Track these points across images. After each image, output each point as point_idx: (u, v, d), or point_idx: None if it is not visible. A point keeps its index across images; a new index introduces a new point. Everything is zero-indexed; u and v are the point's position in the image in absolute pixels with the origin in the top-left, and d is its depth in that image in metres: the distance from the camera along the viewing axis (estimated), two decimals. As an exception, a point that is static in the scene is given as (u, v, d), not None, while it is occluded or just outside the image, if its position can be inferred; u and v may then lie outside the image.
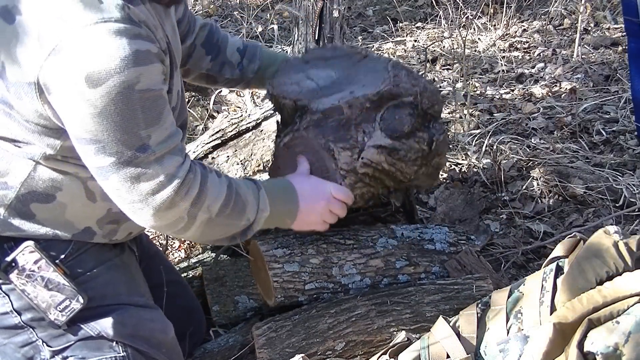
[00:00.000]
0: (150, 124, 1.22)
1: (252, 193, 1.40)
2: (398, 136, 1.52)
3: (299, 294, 1.64)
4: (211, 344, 1.79)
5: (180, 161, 1.28)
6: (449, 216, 2.37)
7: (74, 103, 1.17)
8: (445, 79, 3.69)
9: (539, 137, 2.90)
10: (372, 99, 1.50)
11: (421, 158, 1.58)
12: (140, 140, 1.21)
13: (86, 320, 1.39)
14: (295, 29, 2.94)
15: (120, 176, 1.23)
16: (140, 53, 1.17)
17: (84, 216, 1.39)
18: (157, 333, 1.46)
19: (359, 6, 5.08)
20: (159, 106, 1.23)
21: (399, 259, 1.70)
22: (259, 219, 1.41)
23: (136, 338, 1.42)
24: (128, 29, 1.17)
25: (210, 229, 1.35)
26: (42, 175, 1.32)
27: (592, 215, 2.30)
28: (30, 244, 1.34)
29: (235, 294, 1.88)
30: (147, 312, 1.47)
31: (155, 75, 1.22)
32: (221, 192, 1.34)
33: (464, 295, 1.62)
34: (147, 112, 1.21)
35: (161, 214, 1.27)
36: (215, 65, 1.75)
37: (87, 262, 1.41)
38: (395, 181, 1.60)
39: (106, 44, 1.15)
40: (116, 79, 1.15)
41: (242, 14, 4.04)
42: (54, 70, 1.17)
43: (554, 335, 1.21)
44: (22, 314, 1.37)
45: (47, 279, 1.34)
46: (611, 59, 3.62)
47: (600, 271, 1.25)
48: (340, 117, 1.49)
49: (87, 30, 1.15)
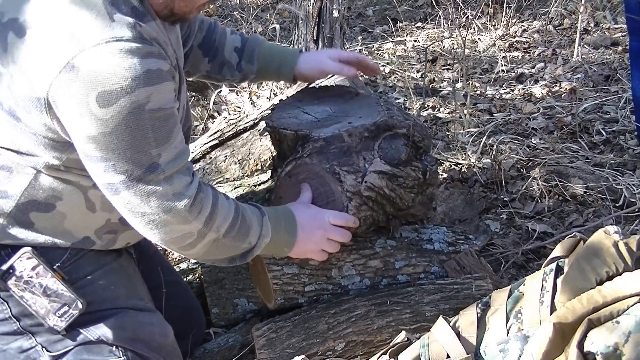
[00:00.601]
0: (160, 143, 1.22)
1: (256, 219, 1.41)
2: (396, 163, 1.58)
3: (298, 296, 1.64)
4: (211, 344, 1.79)
5: (189, 180, 1.29)
6: (449, 216, 2.36)
7: (84, 122, 1.18)
8: (445, 79, 3.69)
9: (539, 137, 2.90)
10: (370, 128, 1.57)
11: (417, 186, 1.64)
12: (150, 159, 1.22)
13: (85, 325, 1.39)
14: (295, 29, 2.94)
15: (131, 193, 1.23)
16: (152, 72, 1.18)
17: (82, 226, 1.39)
18: (156, 336, 1.46)
19: (359, 6, 5.08)
20: (169, 125, 1.24)
21: (398, 259, 1.70)
22: (260, 244, 1.42)
23: (136, 342, 1.41)
24: (139, 48, 1.17)
25: (215, 248, 1.36)
26: (43, 184, 1.32)
27: (592, 215, 2.30)
28: (28, 251, 1.34)
29: (234, 297, 1.88)
30: (147, 316, 1.46)
31: (166, 93, 1.23)
32: (229, 213, 1.35)
33: (464, 295, 1.62)
34: (157, 131, 1.21)
35: (171, 230, 1.28)
36: (214, 67, 1.74)
37: (84, 267, 1.41)
38: (395, 207, 1.63)
39: (117, 63, 1.15)
40: (127, 99, 1.16)
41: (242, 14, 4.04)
42: (64, 88, 1.16)
43: (553, 335, 1.21)
44: (21, 320, 1.37)
45: (45, 285, 1.34)
46: (611, 59, 3.62)
47: (600, 271, 1.25)
48: (341, 144, 1.54)
49: (98, 49, 1.15)
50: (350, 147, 1.54)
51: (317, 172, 1.54)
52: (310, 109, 1.69)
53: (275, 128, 1.62)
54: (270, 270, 1.60)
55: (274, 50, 1.77)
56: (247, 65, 1.74)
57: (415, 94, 3.33)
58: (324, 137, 1.54)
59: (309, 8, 2.81)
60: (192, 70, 1.75)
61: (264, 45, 1.76)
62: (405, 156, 1.59)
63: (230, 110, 3.04)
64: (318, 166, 1.53)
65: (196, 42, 1.70)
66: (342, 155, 1.53)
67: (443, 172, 2.69)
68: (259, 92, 3.33)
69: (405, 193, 1.61)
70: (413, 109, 3.21)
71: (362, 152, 1.55)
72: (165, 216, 1.26)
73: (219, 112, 3.11)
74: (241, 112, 2.96)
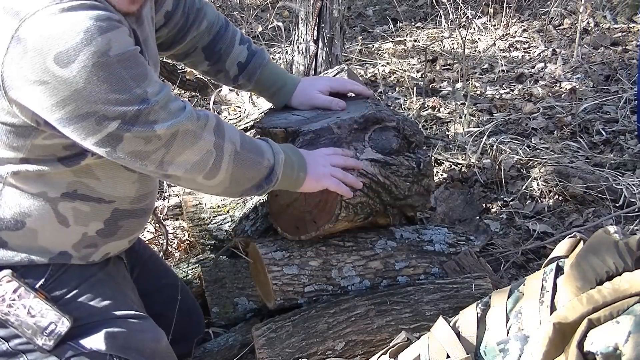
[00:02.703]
0: (140, 80, 1.19)
1: (259, 140, 1.40)
2: (388, 152, 1.61)
3: (298, 297, 1.64)
4: (211, 344, 1.79)
5: (182, 103, 1.26)
6: (449, 216, 2.36)
7: (49, 89, 1.13)
8: (445, 79, 3.69)
9: (539, 137, 2.90)
10: (358, 120, 1.61)
11: (412, 175, 1.66)
12: (138, 96, 1.18)
13: (76, 338, 1.37)
14: (295, 28, 2.94)
15: (134, 133, 1.19)
16: (102, 21, 1.14)
17: (57, 242, 1.36)
18: (148, 342, 1.44)
19: (359, 6, 5.08)
20: (140, 64, 1.20)
21: (398, 260, 1.70)
22: (278, 160, 1.39)
23: (128, 350, 1.39)
24: (80, 3, 1.14)
25: (238, 165, 1.33)
26: (8, 202, 1.30)
27: (592, 215, 2.30)
28: (7, 273, 1.32)
29: (234, 296, 1.88)
30: (137, 323, 1.44)
31: (124, 37, 1.19)
32: (234, 129, 1.34)
33: (463, 294, 1.62)
34: (131, 71, 1.18)
35: (189, 152, 1.25)
36: (212, 71, 1.72)
37: (68, 282, 1.38)
38: (392, 196, 1.64)
39: (64, 21, 1.12)
40: (87, 51, 1.12)
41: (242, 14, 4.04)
42: (17, 63, 1.13)
43: (554, 335, 1.21)
44: (9, 341, 1.35)
45: (29, 306, 1.32)
46: (611, 59, 3.62)
47: (600, 271, 1.25)
48: (331, 136, 1.57)
49: (39, 15, 1.12)
50: (341, 137, 1.57)
51: None
52: (300, 112, 1.72)
53: (265, 129, 1.65)
54: (270, 271, 1.60)
55: (275, 76, 1.73)
56: (244, 81, 1.72)
57: (415, 94, 3.33)
58: (314, 130, 1.57)
59: (309, 7, 2.81)
60: (191, 66, 1.74)
61: (268, 66, 1.72)
62: (397, 146, 1.63)
63: (230, 110, 3.04)
64: None
65: (201, 43, 1.67)
66: (333, 145, 1.56)
67: (443, 172, 2.69)
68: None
69: (400, 181, 1.63)
70: (413, 109, 3.21)
71: (352, 142, 1.58)
72: (177, 140, 1.23)
73: (219, 112, 3.11)
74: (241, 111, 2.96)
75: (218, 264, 1.93)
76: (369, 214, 1.63)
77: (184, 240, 2.26)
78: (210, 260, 1.97)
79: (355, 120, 1.60)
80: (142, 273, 1.64)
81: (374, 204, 1.62)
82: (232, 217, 1.94)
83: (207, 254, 2.05)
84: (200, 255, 2.09)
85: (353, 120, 1.60)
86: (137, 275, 1.61)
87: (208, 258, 2.01)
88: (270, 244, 1.64)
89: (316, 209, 1.57)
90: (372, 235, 1.72)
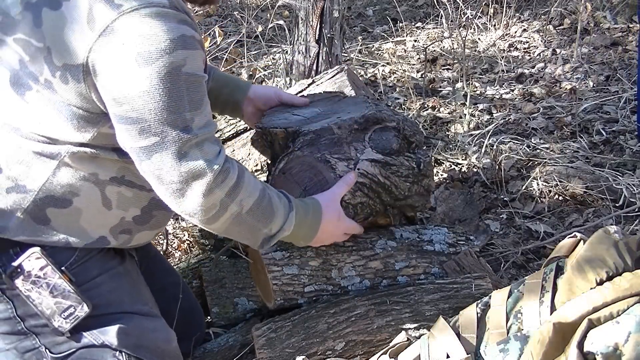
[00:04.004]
0: (194, 108, 1.25)
1: (283, 208, 1.42)
2: (388, 152, 1.62)
3: (298, 297, 1.64)
4: (211, 344, 1.79)
5: (218, 149, 1.31)
6: (449, 216, 2.36)
7: (123, 82, 1.20)
8: (445, 79, 3.69)
9: (539, 137, 2.90)
10: (359, 121, 1.61)
11: (412, 175, 1.66)
12: (184, 121, 1.24)
13: (90, 329, 1.39)
14: (295, 28, 2.94)
15: (163, 156, 1.25)
16: (187, 38, 1.22)
17: (97, 223, 1.39)
18: (160, 343, 1.45)
19: (359, 6, 5.08)
20: (201, 91, 1.27)
21: (398, 260, 1.70)
22: (279, 235, 1.43)
23: (140, 348, 1.41)
24: (176, 14, 1.22)
25: (235, 225, 1.37)
26: (61, 180, 1.32)
27: (592, 215, 2.30)
28: (37, 250, 1.33)
29: (234, 296, 1.88)
30: (151, 322, 1.46)
31: (199, 60, 1.26)
32: (255, 190, 1.36)
33: (463, 294, 1.62)
34: (191, 95, 1.24)
35: (198, 198, 1.28)
36: None
37: (91, 270, 1.41)
38: (392, 196, 1.64)
39: (157, 25, 1.19)
40: (166, 59, 1.19)
41: (242, 14, 4.04)
42: (104, 51, 1.20)
43: (554, 335, 1.21)
44: (25, 320, 1.36)
45: (52, 286, 1.34)
46: (611, 59, 3.62)
47: (600, 271, 1.25)
48: (332, 136, 1.58)
49: (137, 12, 1.19)
50: (341, 138, 1.58)
51: (309, 162, 1.56)
52: (299, 111, 1.73)
53: (265, 129, 1.65)
54: (270, 271, 1.60)
55: (229, 76, 1.83)
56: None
57: (415, 94, 3.33)
58: (314, 130, 1.58)
59: (309, 8, 2.81)
60: None
61: (218, 71, 1.81)
62: (397, 146, 1.63)
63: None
64: (310, 157, 1.56)
65: None
66: (333, 145, 1.56)
67: (443, 172, 2.69)
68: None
69: (400, 181, 1.63)
70: (413, 109, 3.21)
71: (353, 142, 1.59)
72: (193, 182, 1.27)
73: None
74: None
75: (218, 264, 1.93)
76: (369, 214, 1.64)
77: (184, 240, 2.26)
78: (210, 260, 1.97)
79: (356, 121, 1.60)
80: (148, 271, 1.65)
81: (374, 204, 1.62)
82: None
83: (207, 254, 2.05)
84: (201, 255, 2.09)
85: (353, 120, 1.60)
86: (143, 272, 1.62)
87: (208, 258, 2.01)
88: (270, 244, 1.64)
89: None
90: (372, 235, 1.72)
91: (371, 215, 1.64)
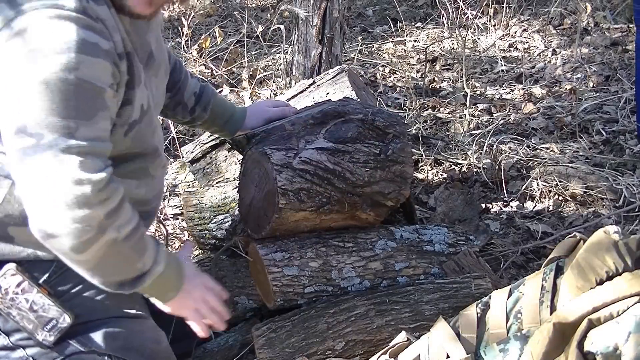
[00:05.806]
0: (81, 117, 1.15)
1: (153, 243, 1.32)
2: (342, 140, 1.64)
3: (298, 298, 1.64)
4: (211, 344, 1.79)
5: (103, 166, 1.18)
6: (449, 216, 2.36)
7: (10, 77, 1.14)
8: (445, 79, 3.69)
9: (539, 137, 2.90)
10: (315, 116, 1.67)
11: (373, 161, 1.66)
12: (66, 128, 1.14)
13: (76, 336, 1.37)
14: (295, 29, 2.94)
15: (39, 160, 1.13)
16: (87, 43, 1.15)
17: None
18: (149, 343, 1.44)
19: (359, 6, 5.08)
20: (96, 105, 1.18)
21: (398, 261, 1.70)
22: (152, 271, 1.30)
23: (128, 350, 1.39)
24: (80, 18, 1.16)
25: (110, 255, 1.22)
26: (17, 197, 1.29)
27: (592, 215, 2.30)
28: (12, 267, 1.32)
29: (234, 295, 1.88)
30: (137, 324, 1.44)
31: (99, 70, 1.18)
32: (133, 219, 1.25)
33: (463, 294, 1.62)
34: (80, 102, 1.15)
35: (72, 216, 1.14)
36: (171, 104, 1.72)
37: (71, 278, 1.36)
38: (348, 182, 1.63)
39: (54, 25, 1.14)
40: (56, 59, 1.13)
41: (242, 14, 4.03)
42: (1, 48, 1.15)
43: (553, 335, 1.21)
44: (10, 335, 1.35)
45: (31, 301, 1.32)
46: (611, 59, 3.62)
47: (600, 271, 1.25)
48: (282, 132, 1.64)
49: (37, 12, 1.15)
50: (292, 133, 1.63)
51: (255, 158, 1.63)
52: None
53: (234, 139, 1.77)
54: (270, 272, 1.60)
55: (225, 103, 1.81)
56: (200, 112, 1.75)
57: (415, 94, 3.33)
58: (265, 130, 1.66)
59: (309, 8, 2.81)
60: None
61: (217, 96, 1.79)
62: (354, 134, 1.65)
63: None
64: (255, 153, 1.62)
65: None
66: (280, 140, 1.61)
67: (443, 172, 2.69)
68: (259, 92, 3.33)
69: (356, 167, 1.63)
70: (413, 109, 3.21)
71: (305, 136, 1.64)
72: (71, 195, 1.13)
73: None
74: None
75: (218, 263, 1.93)
76: (325, 203, 1.62)
77: (184, 240, 2.25)
78: (210, 259, 1.97)
79: (312, 116, 1.66)
80: None
81: (325, 190, 1.61)
82: (233, 216, 1.94)
83: (207, 253, 2.05)
84: (200, 254, 2.09)
85: (310, 116, 1.67)
86: None
87: (208, 257, 2.01)
88: (270, 244, 1.64)
89: (265, 201, 1.60)
90: (372, 235, 1.72)
91: (327, 203, 1.63)
